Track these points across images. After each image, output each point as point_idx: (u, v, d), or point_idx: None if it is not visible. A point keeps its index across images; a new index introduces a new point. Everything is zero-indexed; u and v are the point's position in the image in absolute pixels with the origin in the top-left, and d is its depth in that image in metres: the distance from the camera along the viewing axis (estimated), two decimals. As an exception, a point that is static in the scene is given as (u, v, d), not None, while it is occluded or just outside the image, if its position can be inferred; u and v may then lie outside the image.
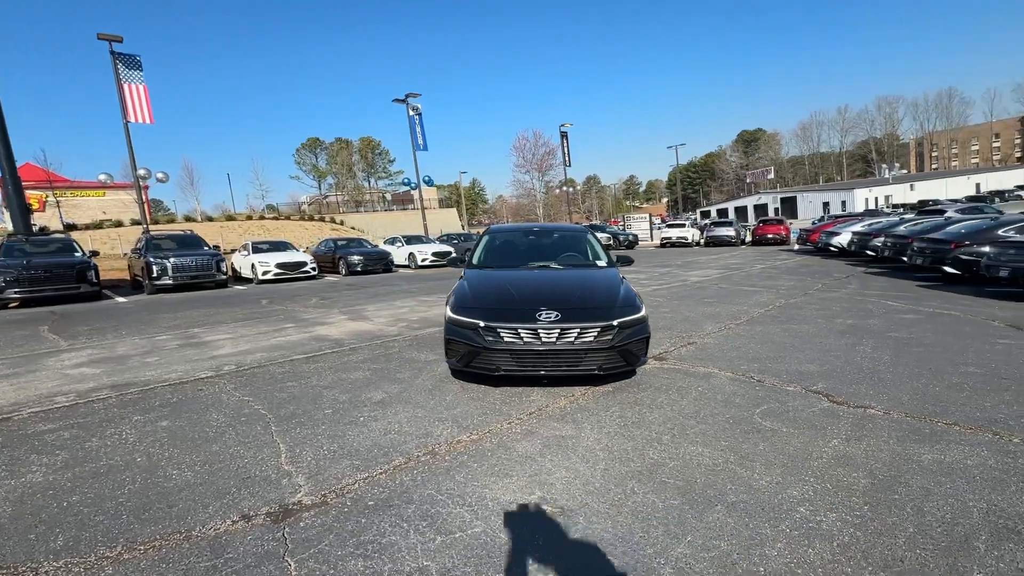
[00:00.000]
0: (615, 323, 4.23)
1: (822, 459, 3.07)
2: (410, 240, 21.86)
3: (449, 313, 4.58)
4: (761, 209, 69.81)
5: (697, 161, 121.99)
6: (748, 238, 29.73)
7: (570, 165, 35.53)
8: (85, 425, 3.95)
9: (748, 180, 74.74)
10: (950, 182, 60.98)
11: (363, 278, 16.78)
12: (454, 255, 20.62)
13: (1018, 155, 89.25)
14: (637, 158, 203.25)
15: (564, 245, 6.23)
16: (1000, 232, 11.10)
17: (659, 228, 34.22)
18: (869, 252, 16.44)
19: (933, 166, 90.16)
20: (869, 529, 2.36)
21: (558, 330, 4.16)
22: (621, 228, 35.31)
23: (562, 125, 34.47)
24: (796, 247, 25.21)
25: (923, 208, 24.42)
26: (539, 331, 4.16)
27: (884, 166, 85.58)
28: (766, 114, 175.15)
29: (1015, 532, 2.29)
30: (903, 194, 59.88)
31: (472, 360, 4.34)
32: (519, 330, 4.18)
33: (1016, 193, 51.87)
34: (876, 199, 58.82)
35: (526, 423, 3.75)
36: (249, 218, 37.80)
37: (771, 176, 69.27)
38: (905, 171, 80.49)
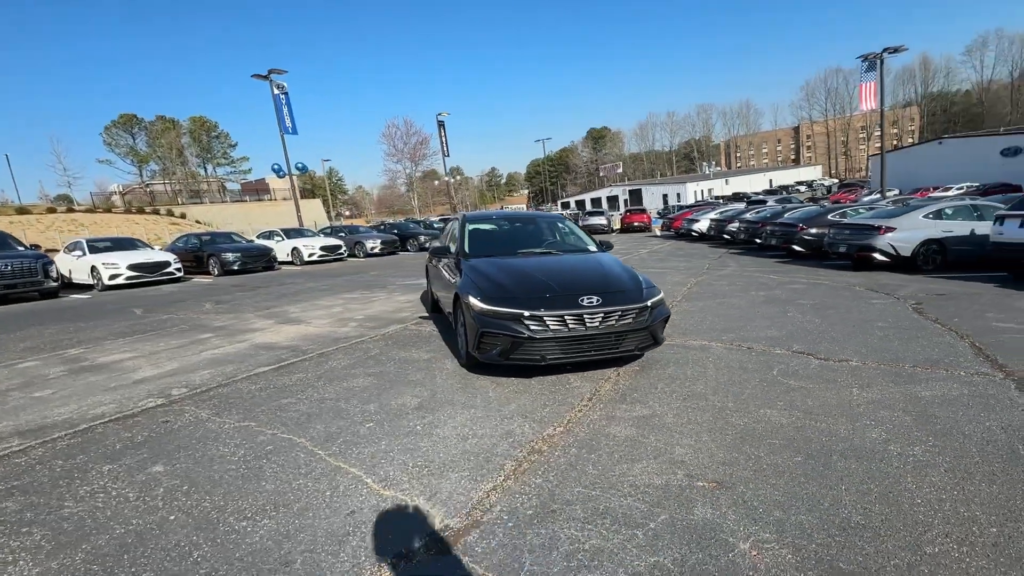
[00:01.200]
0: (648, 304, 4.39)
1: (862, 405, 3.60)
2: (290, 234, 19.65)
3: (480, 304, 4.29)
4: (613, 200, 77.41)
5: (553, 155, 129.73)
6: (616, 226, 32.75)
7: (448, 155, 35.21)
8: (35, 490, 2.87)
9: (601, 174, 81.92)
10: (753, 178, 74.19)
11: (245, 278, 14.64)
12: (343, 250, 19.18)
13: (793, 157, 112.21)
14: (497, 151, 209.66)
15: (549, 231, 6.22)
16: (829, 217, 13.95)
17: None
18: (725, 236, 19.32)
19: (737, 164, 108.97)
20: (950, 454, 2.86)
21: (601, 314, 4.18)
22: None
23: (439, 114, 33.91)
24: (659, 233, 28.51)
25: (751, 199, 29.53)
26: (584, 316, 4.14)
27: (704, 164, 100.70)
28: (611, 114, 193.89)
29: (1034, 439, 2.99)
30: (721, 187, 70.88)
31: (515, 351, 4.14)
32: (565, 317, 4.11)
33: (796, 187, 64.96)
34: (702, 191, 68.98)
35: (596, 409, 3.72)
36: (51, 211, 30.27)
37: (620, 171, 76.86)
38: (719, 168, 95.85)
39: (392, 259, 19.40)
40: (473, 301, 4.37)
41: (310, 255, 18.25)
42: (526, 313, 4.11)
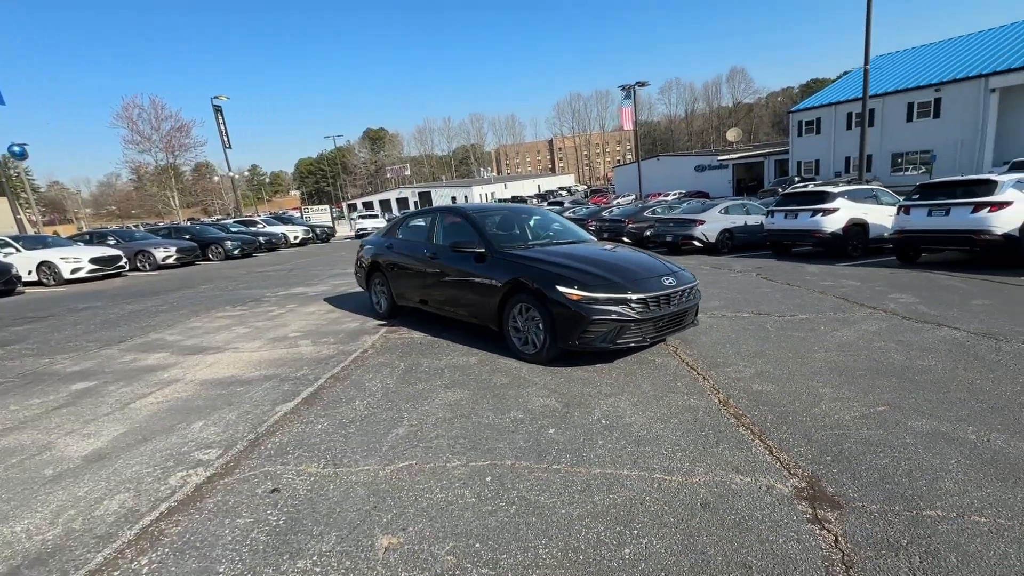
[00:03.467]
0: (697, 282, 4.98)
1: (865, 343, 4.90)
2: (33, 243, 13.93)
3: (581, 293, 4.21)
4: (403, 202, 77.22)
5: (328, 154, 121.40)
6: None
7: (230, 147, 29.73)
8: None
9: (388, 175, 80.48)
10: (525, 183, 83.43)
11: (-17, 308, 9.91)
12: (124, 262, 14.64)
13: (550, 166, 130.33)
14: (259, 149, 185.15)
15: (548, 222, 6.23)
16: (646, 213, 17.14)
17: (353, 219, 33.38)
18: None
19: (507, 171, 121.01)
20: (973, 367, 4.23)
21: (679, 292, 4.57)
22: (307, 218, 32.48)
23: (215, 97, 28.33)
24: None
25: (551, 200, 33.51)
26: (672, 296, 4.48)
27: (482, 169, 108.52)
28: (388, 116, 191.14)
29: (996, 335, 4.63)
30: (501, 191, 77.50)
31: (621, 335, 4.22)
32: (660, 298, 4.37)
33: (560, 192, 75.61)
34: (487, 195, 74.48)
35: (716, 370, 4.12)
36: None
37: (407, 172, 76.93)
38: (494, 173, 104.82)
39: (199, 271, 15.63)
40: (568, 290, 4.25)
41: (74, 271, 13.36)
42: (632, 296, 4.22)
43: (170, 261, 16.30)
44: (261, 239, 21.29)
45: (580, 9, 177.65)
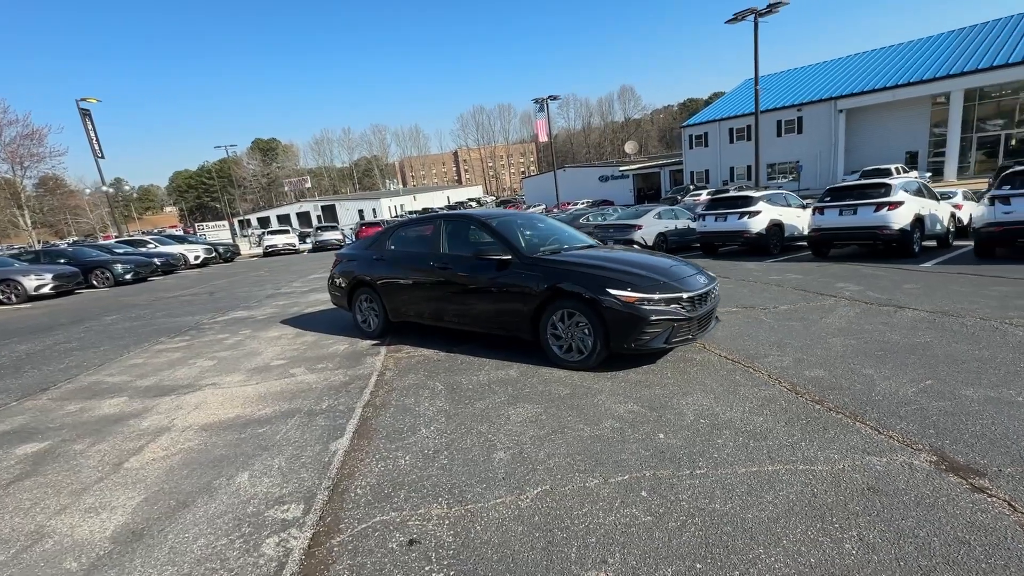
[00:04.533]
0: (716, 280, 5.18)
1: (857, 327, 5.42)
2: None
3: (636, 295, 4.16)
4: (304, 217, 72.44)
5: (211, 166, 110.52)
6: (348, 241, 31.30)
7: (103, 156, 25.72)
8: None
9: (286, 189, 75.05)
10: (434, 195, 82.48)
11: None
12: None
13: (455, 178, 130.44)
14: (119, 160, 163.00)
15: (551, 227, 6.10)
16: (581, 220, 17.72)
17: (260, 236, 30.40)
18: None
19: (412, 183, 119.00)
20: (960, 341, 4.82)
21: (712, 290, 4.72)
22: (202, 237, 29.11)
23: (81, 100, 24.39)
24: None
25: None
26: (708, 294, 4.60)
27: (387, 181, 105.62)
28: (280, 125, 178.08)
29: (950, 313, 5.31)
30: (410, 203, 75.94)
31: (676, 335, 4.24)
32: (702, 296, 4.46)
33: (469, 203, 75.95)
34: (396, 207, 72.55)
35: (749, 366, 4.29)
36: None
37: (308, 185, 72.36)
38: (400, 186, 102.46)
39: (88, 301, 13.20)
40: (622, 293, 4.19)
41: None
42: (684, 295, 4.27)
43: (46, 290, 13.60)
44: (156, 261, 18.63)
45: (484, 23, 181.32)
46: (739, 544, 2.12)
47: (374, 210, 70.14)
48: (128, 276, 16.36)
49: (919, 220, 10.40)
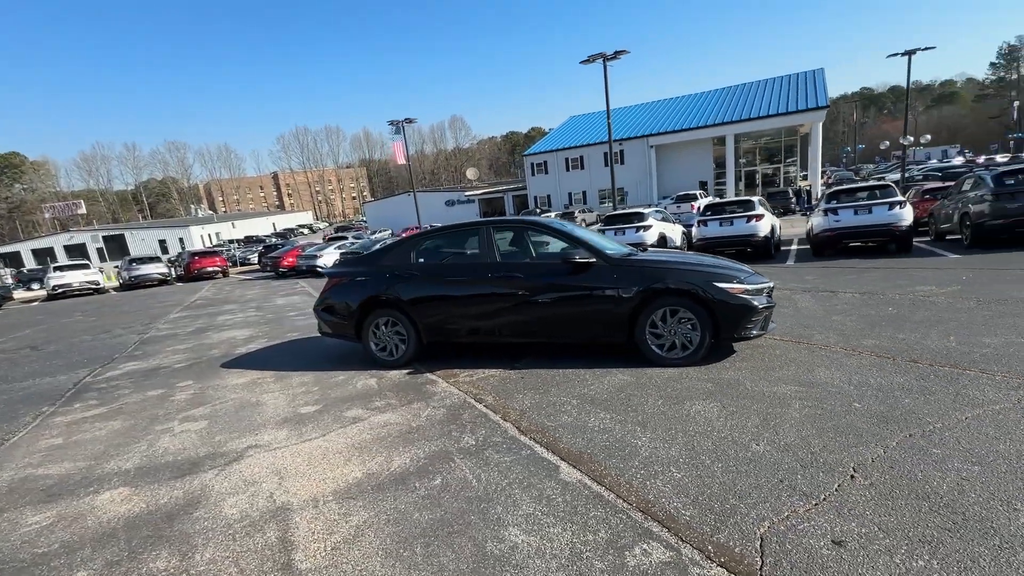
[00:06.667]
0: (744, 274, 5.76)
1: (860, 303, 6.54)
2: None
3: (743, 286, 4.44)
4: (77, 249, 57.39)
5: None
6: (174, 274, 25.89)
7: None
8: None
9: (48, 215, 58.57)
10: (256, 221, 73.45)
11: None
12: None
13: (276, 204, 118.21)
14: None
15: (592, 233, 6.01)
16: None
17: (43, 273, 22.74)
18: (365, 267, 19.96)
19: (224, 208, 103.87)
20: (931, 308, 6.14)
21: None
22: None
23: None
24: (241, 276, 25.00)
25: (336, 236, 30.66)
26: (773, 287, 5.09)
27: (193, 206, 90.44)
28: (33, 137, 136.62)
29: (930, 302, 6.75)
30: (229, 230, 66.44)
31: (768, 321, 4.60)
32: (772, 288, 4.91)
33: (300, 230, 69.73)
34: (211, 235, 62.62)
35: (828, 347, 4.92)
36: None
37: (82, 211, 57.76)
38: (210, 212, 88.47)
39: None
40: (730, 286, 4.41)
41: None
42: (767, 287, 4.67)
43: None
44: None
45: (302, 47, 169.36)
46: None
47: (181, 239, 59.41)
48: None
49: (772, 229, 13.08)
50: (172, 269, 25.53)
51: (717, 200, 14.86)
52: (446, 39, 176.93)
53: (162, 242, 59.03)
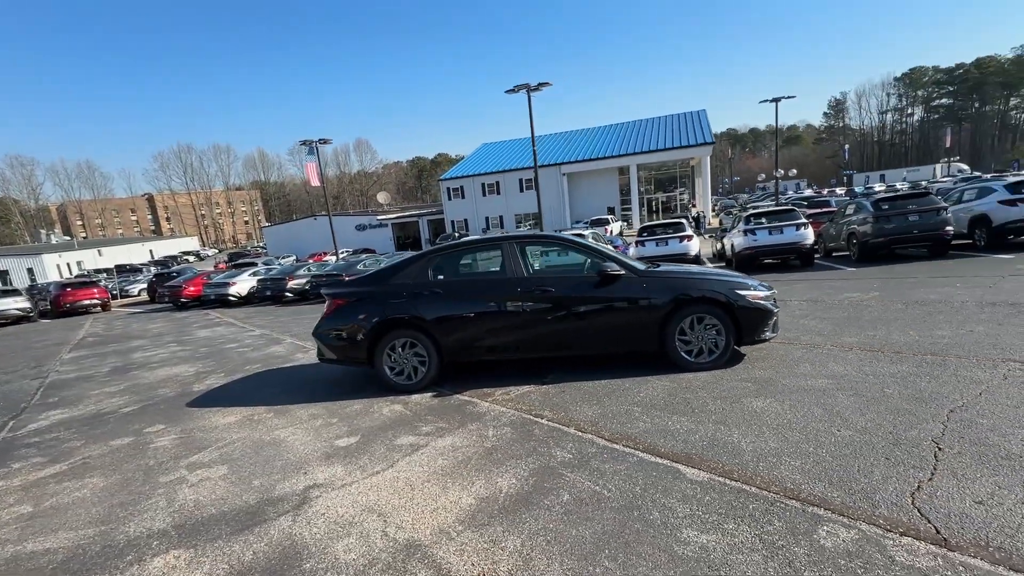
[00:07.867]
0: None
1: (855, 306, 7.34)
2: None
3: (764, 291, 4.87)
4: None
5: None
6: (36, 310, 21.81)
7: None
8: None
9: None
10: (131, 248, 64.87)
11: None
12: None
13: (152, 228, 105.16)
14: None
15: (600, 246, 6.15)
16: (358, 267, 17.06)
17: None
18: (288, 294, 18.35)
19: (86, 234, 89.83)
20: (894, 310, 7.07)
21: (767, 290, 5.75)
22: None
23: None
24: (128, 310, 21.90)
25: (243, 262, 27.86)
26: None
27: (44, 231, 77.39)
28: None
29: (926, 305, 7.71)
30: (93, 258, 57.81)
31: (776, 326, 5.05)
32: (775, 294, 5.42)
33: (185, 258, 63.14)
34: (71, 263, 54.05)
35: (839, 344, 5.51)
36: None
37: None
38: (67, 238, 76.06)
39: None
40: (751, 293, 4.81)
41: None
42: (774, 291, 5.15)
43: None
44: None
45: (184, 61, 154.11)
46: None
47: (30, 269, 50.52)
48: None
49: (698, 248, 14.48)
50: (34, 303, 21.50)
51: (651, 223, 15.94)
52: (349, 68, 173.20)
53: (3, 273, 49.61)
